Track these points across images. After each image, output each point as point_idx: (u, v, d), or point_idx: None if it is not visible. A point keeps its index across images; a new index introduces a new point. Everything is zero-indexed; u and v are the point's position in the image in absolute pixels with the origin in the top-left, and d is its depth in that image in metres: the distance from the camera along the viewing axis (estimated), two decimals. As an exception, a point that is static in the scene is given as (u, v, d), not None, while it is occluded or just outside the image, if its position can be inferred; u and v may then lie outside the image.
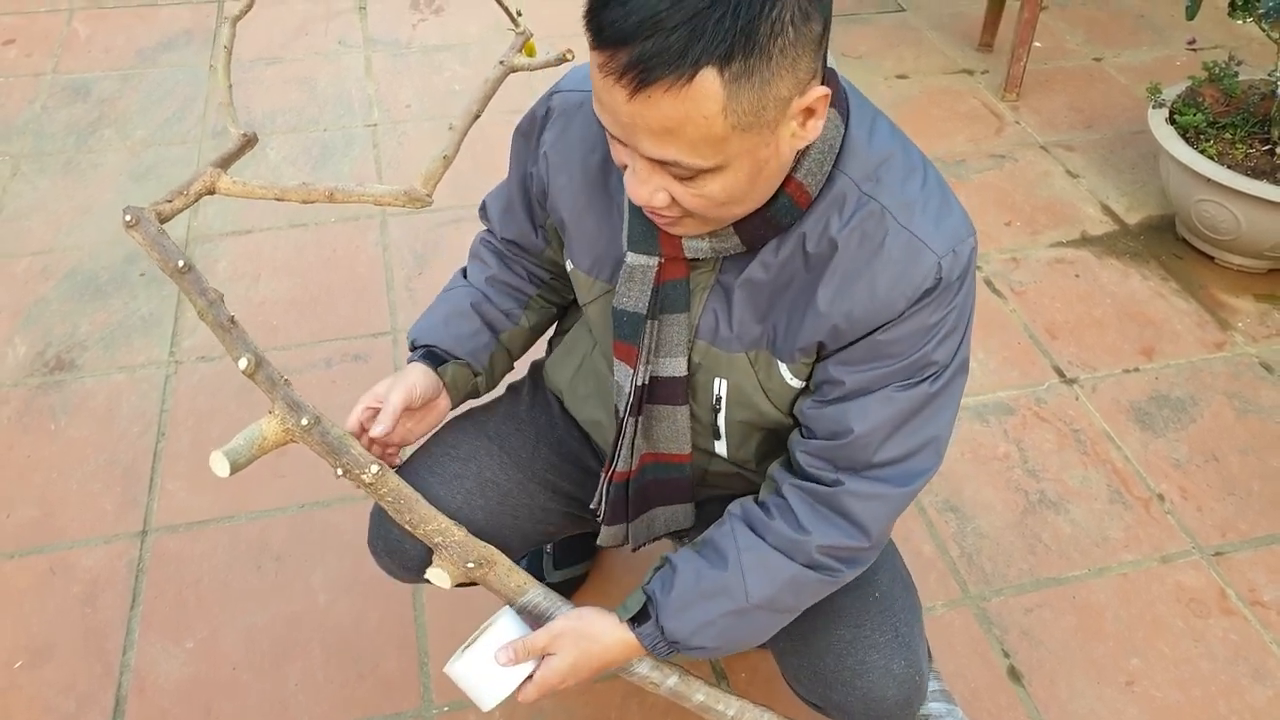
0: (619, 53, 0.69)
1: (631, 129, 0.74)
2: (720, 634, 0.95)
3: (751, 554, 0.93)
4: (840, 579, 0.96)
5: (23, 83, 2.66)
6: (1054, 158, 2.51)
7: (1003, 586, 1.57)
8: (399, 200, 1.11)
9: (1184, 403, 1.88)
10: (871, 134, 0.86)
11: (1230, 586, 1.58)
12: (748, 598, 0.93)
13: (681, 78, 0.68)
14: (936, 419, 0.92)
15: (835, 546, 0.93)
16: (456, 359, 1.10)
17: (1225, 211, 2.04)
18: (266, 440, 0.90)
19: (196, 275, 0.90)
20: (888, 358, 0.88)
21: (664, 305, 0.93)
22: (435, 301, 1.16)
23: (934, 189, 0.87)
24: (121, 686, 1.41)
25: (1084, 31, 3.02)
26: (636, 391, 0.98)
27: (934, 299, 0.86)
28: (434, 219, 2.25)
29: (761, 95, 0.71)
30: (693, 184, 0.77)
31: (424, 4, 3.08)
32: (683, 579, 0.95)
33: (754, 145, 0.74)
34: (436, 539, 0.97)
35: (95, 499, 1.65)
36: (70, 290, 2.05)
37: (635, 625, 0.97)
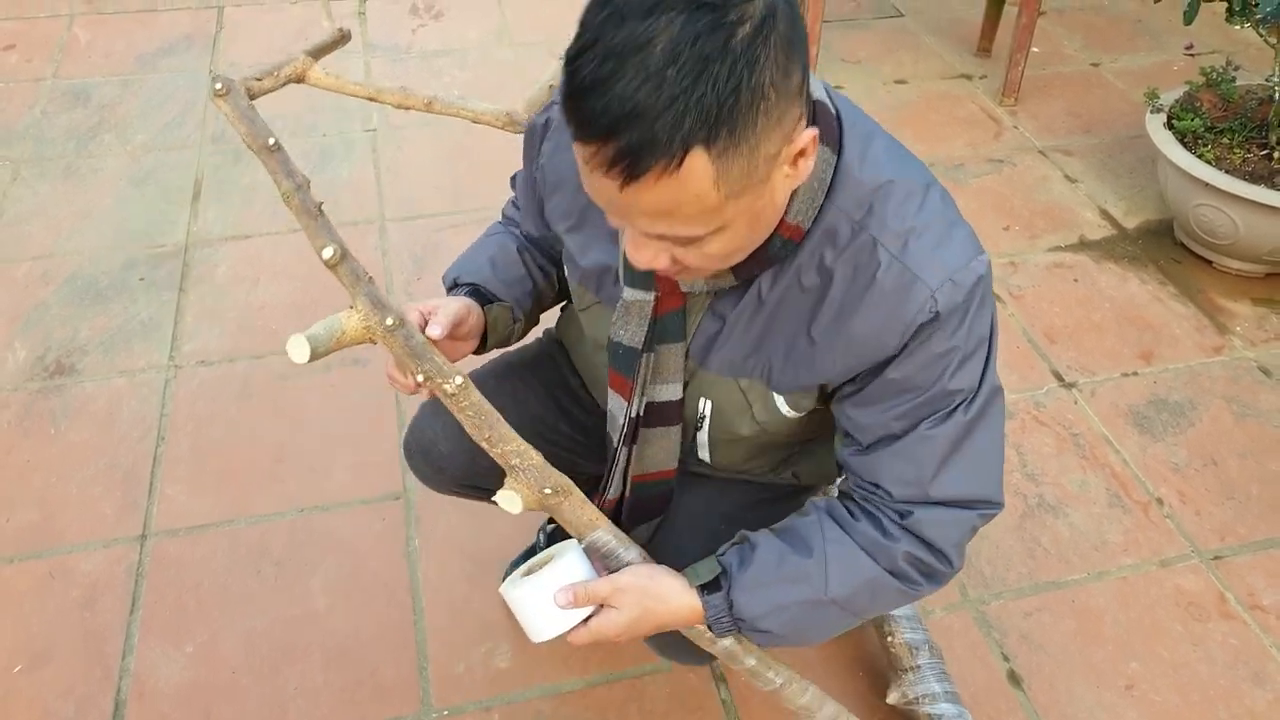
0: (604, 146, 0.67)
1: (626, 212, 0.73)
2: (790, 621, 0.93)
3: (837, 547, 0.92)
4: (919, 592, 0.94)
5: (23, 88, 2.67)
6: (1052, 162, 2.51)
7: (1002, 590, 1.57)
8: (499, 121, 1.10)
9: (1183, 407, 1.88)
10: (864, 161, 0.84)
11: (1229, 590, 1.58)
12: (827, 590, 0.91)
13: (671, 164, 0.67)
14: (985, 447, 0.90)
15: (919, 558, 0.92)
16: (501, 301, 1.07)
17: (1223, 216, 2.05)
18: (345, 335, 0.86)
19: (285, 155, 0.86)
20: (904, 393, 0.86)
21: (660, 336, 0.93)
22: (473, 248, 1.14)
23: (934, 214, 0.85)
24: (121, 691, 1.40)
25: (1082, 37, 3.03)
26: (630, 423, 0.98)
27: (935, 330, 0.83)
28: (432, 224, 2.26)
29: (751, 160, 0.70)
30: (692, 246, 0.76)
31: (423, 9, 3.09)
32: (763, 557, 0.93)
33: (749, 202, 0.74)
34: (514, 460, 0.91)
35: (95, 503, 1.65)
36: (70, 295, 2.05)
37: (705, 593, 0.94)
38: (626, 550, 0.98)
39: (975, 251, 0.85)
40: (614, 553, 0.98)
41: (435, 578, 1.56)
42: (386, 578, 1.56)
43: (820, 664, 1.46)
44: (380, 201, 2.32)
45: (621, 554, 0.98)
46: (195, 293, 2.06)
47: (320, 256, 0.84)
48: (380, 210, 2.29)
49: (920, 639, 1.37)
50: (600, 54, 0.66)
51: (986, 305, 0.87)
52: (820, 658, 1.47)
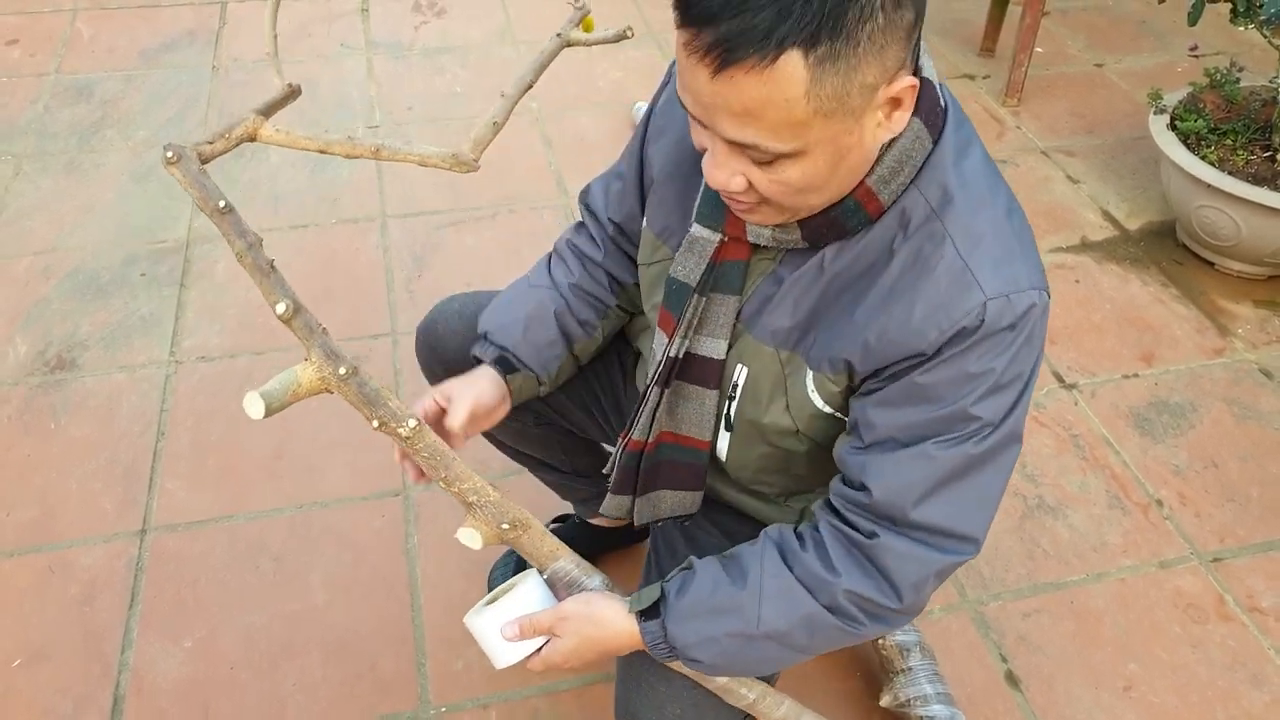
0: (704, 30, 0.68)
1: (712, 109, 0.72)
2: (722, 653, 0.91)
3: (774, 581, 0.89)
4: (861, 632, 0.90)
5: (26, 83, 2.67)
6: (1055, 163, 2.51)
7: (1001, 591, 1.57)
8: (446, 163, 1.10)
9: (1183, 409, 1.88)
10: (960, 157, 0.82)
11: (1228, 592, 1.58)
12: (758, 624, 0.89)
13: (765, 59, 0.67)
14: (982, 490, 0.86)
15: (863, 596, 0.87)
16: (528, 369, 1.09)
17: (1226, 217, 2.05)
18: (301, 387, 0.88)
19: (236, 217, 0.88)
20: (924, 402, 0.83)
21: (716, 283, 0.92)
22: (516, 293, 1.14)
23: (1011, 232, 0.83)
24: (119, 686, 1.41)
25: (1085, 37, 3.03)
26: (667, 363, 0.97)
27: (975, 344, 0.80)
28: (434, 221, 2.26)
29: (846, 81, 0.69)
30: (771, 169, 0.75)
31: (426, 7, 3.09)
32: (698, 586, 0.92)
33: (837, 132, 0.73)
34: (471, 498, 0.94)
35: (95, 498, 1.65)
36: (71, 290, 2.05)
37: (643, 620, 0.94)
38: (589, 578, 0.99)
39: (1040, 284, 0.83)
40: (576, 581, 0.99)
41: (434, 574, 1.56)
42: (385, 574, 1.56)
43: (813, 665, 1.46)
44: (381, 199, 2.32)
45: (584, 581, 0.99)
46: (196, 288, 2.06)
47: (274, 312, 0.86)
48: (381, 207, 2.30)
49: (912, 640, 1.37)
50: None
51: (1034, 342, 0.83)
52: (812, 660, 1.47)
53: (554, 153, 2.46)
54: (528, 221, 2.25)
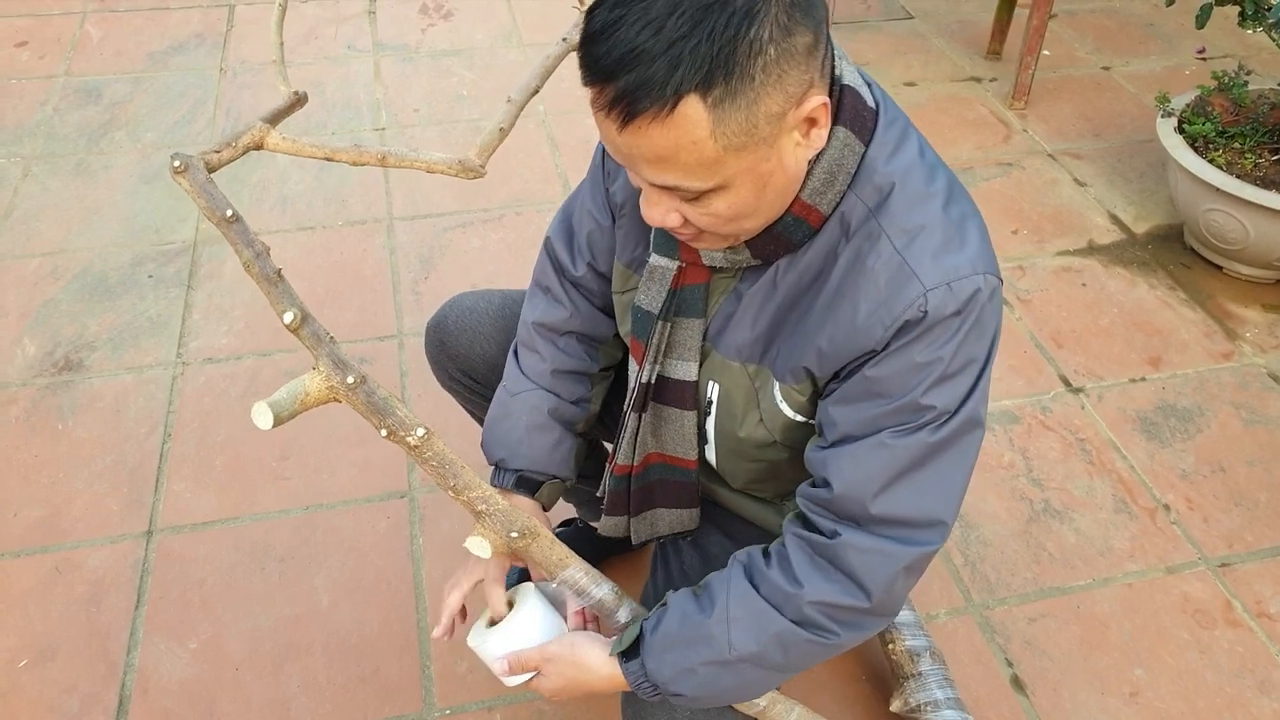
0: (606, 87, 0.70)
1: (630, 158, 0.75)
2: (702, 684, 0.90)
3: (740, 604, 0.89)
4: (836, 642, 0.89)
5: (34, 85, 2.68)
6: (1062, 166, 2.50)
7: (1006, 595, 1.56)
8: (453, 169, 1.10)
9: (1191, 413, 1.87)
10: (892, 156, 0.83)
11: (1236, 598, 1.57)
12: (730, 649, 0.88)
13: (665, 108, 0.69)
14: (943, 477, 0.86)
15: (830, 604, 0.86)
16: (551, 479, 1.10)
17: (1234, 221, 2.04)
18: (309, 396, 0.88)
19: (243, 226, 0.88)
20: (877, 397, 0.84)
21: (680, 308, 0.94)
22: (504, 409, 1.11)
23: (950, 220, 0.83)
24: (125, 686, 1.41)
25: (1093, 40, 3.02)
26: (641, 388, 0.98)
27: (920, 335, 0.81)
28: (440, 223, 2.26)
29: (750, 115, 0.71)
30: (699, 204, 0.77)
31: (433, 9, 3.09)
32: (669, 620, 0.92)
33: (753, 162, 0.74)
34: (480, 506, 0.93)
35: (101, 499, 1.66)
36: (79, 291, 2.06)
37: (624, 661, 0.94)
38: (597, 586, 0.99)
39: (984, 268, 0.82)
40: (585, 590, 0.99)
41: (439, 577, 1.56)
42: (390, 576, 1.56)
43: (822, 671, 1.46)
44: (388, 201, 2.32)
45: (593, 591, 0.99)
46: (203, 290, 2.07)
47: (282, 321, 0.86)
48: (388, 209, 2.30)
49: (922, 645, 1.36)
50: (612, 2, 0.70)
51: (982, 326, 0.83)
52: (823, 666, 1.46)
53: (560, 155, 2.47)
54: (534, 223, 2.26)
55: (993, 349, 0.86)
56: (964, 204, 0.85)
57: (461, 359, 1.22)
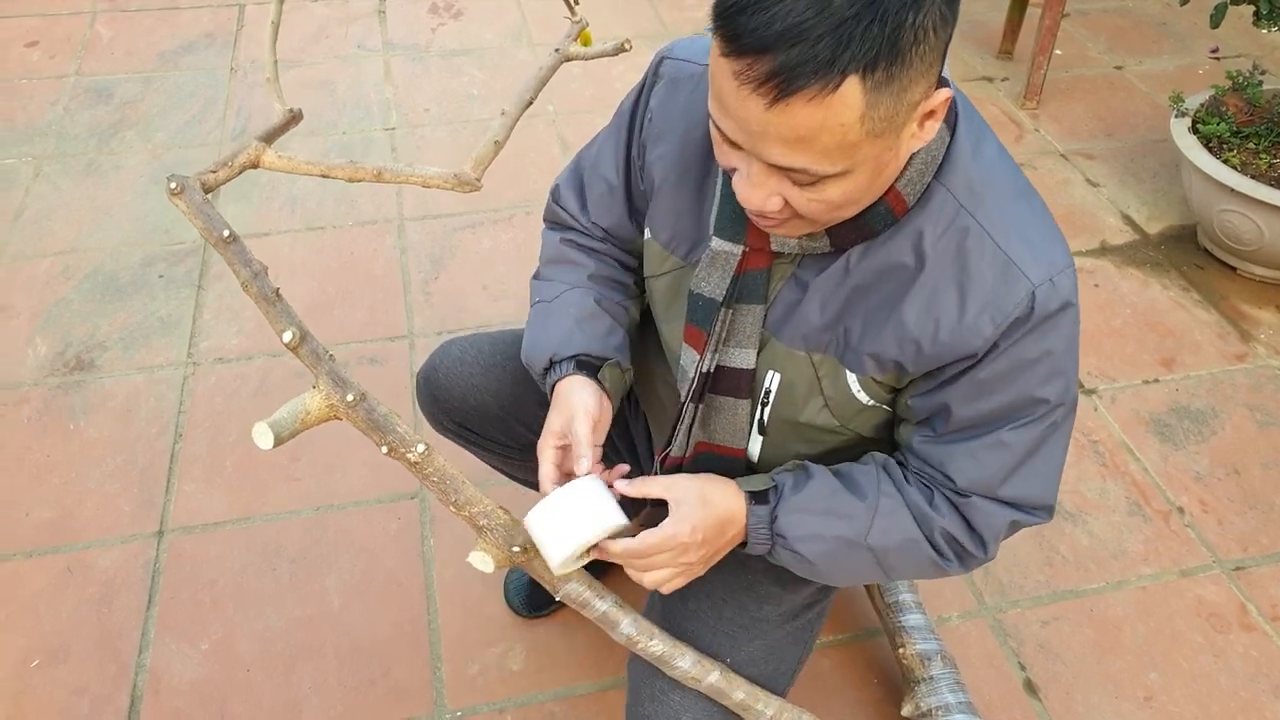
0: (759, 61, 0.67)
1: (761, 137, 0.72)
2: (824, 553, 0.93)
3: (889, 500, 0.92)
4: (948, 569, 0.95)
5: (45, 84, 2.69)
6: (1074, 166, 2.49)
7: (1019, 598, 1.56)
8: (448, 183, 1.10)
9: (1204, 415, 1.86)
10: (978, 149, 0.84)
11: (1251, 601, 1.56)
12: (868, 535, 0.92)
13: (827, 87, 0.67)
14: (1053, 457, 0.91)
15: (956, 539, 0.93)
16: (608, 361, 1.03)
17: (1248, 222, 2.02)
18: (310, 415, 0.88)
19: (240, 246, 0.89)
20: (991, 394, 0.86)
21: (741, 295, 0.92)
22: (546, 314, 1.06)
23: (1038, 214, 0.85)
24: (136, 687, 1.41)
25: (1105, 39, 3.00)
26: (700, 378, 0.96)
27: (1028, 331, 0.82)
28: (451, 224, 2.26)
29: (898, 101, 0.70)
30: (812, 189, 0.75)
31: (443, 8, 3.09)
32: (816, 486, 0.93)
33: (880, 150, 0.73)
34: (481, 521, 0.94)
35: (112, 499, 1.66)
36: (90, 291, 2.06)
37: (753, 503, 0.93)
38: (601, 600, 0.99)
39: (1069, 260, 0.85)
40: (589, 603, 0.98)
41: (450, 578, 1.56)
42: (401, 577, 1.56)
43: (831, 673, 1.45)
44: (398, 201, 2.32)
45: (596, 604, 0.98)
46: (214, 290, 2.07)
47: (281, 340, 0.86)
48: (398, 209, 2.30)
49: (933, 649, 1.36)
50: None
51: (1075, 316, 0.86)
52: (831, 666, 1.46)
53: (569, 155, 2.46)
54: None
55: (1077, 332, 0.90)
56: (1040, 199, 0.88)
57: (455, 411, 1.20)
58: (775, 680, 1.08)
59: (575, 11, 1.33)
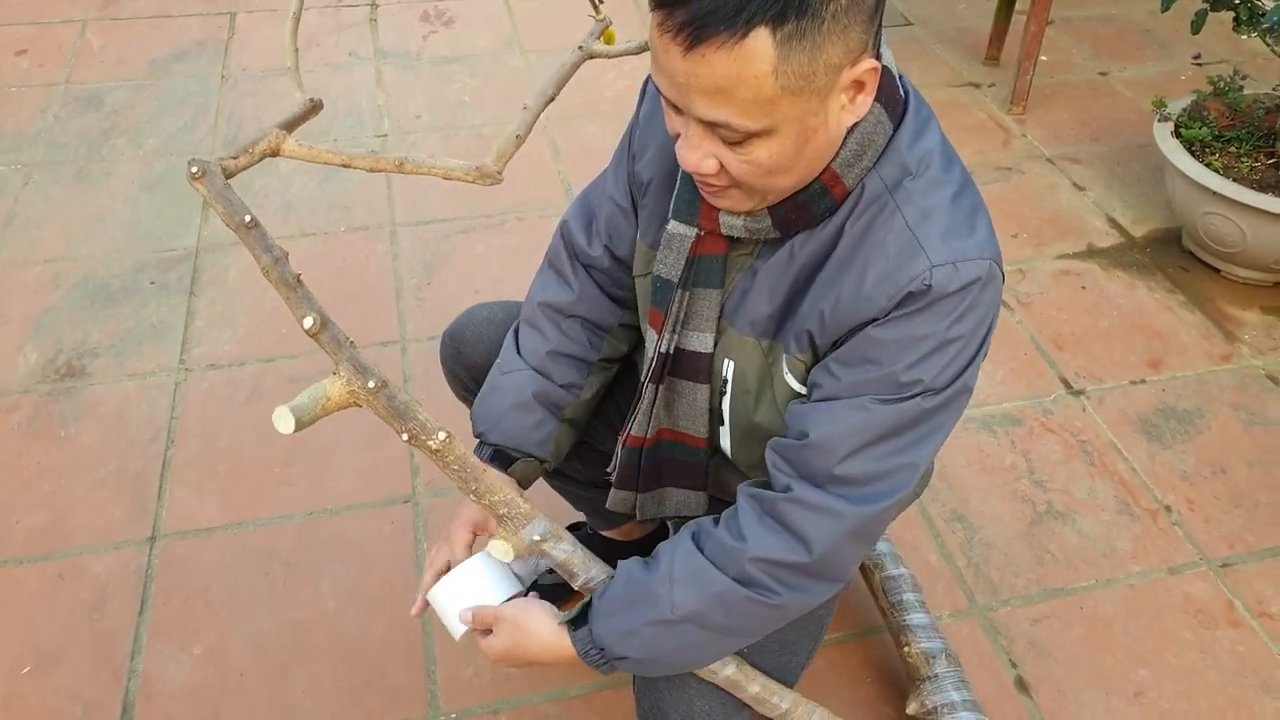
0: (677, 10, 0.71)
1: (685, 89, 0.75)
2: (646, 645, 0.91)
3: (684, 563, 0.90)
4: (778, 603, 0.89)
5: (35, 93, 2.69)
6: (1060, 170, 2.52)
7: (1010, 597, 1.57)
8: (470, 176, 1.11)
9: (1191, 415, 1.88)
10: (916, 140, 0.86)
11: (1238, 598, 1.57)
12: (673, 608, 0.89)
13: (735, 35, 0.70)
14: (916, 446, 0.87)
15: (771, 560, 0.87)
16: (527, 458, 1.11)
17: (1231, 224, 2.05)
18: (330, 401, 0.88)
19: (262, 231, 0.89)
20: (868, 363, 0.85)
21: (697, 278, 0.94)
22: (495, 385, 1.13)
23: (962, 207, 0.86)
24: (129, 692, 1.41)
25: (1090, 46, 3.04)
26: (659, 359, 0.99)
27: (922, 308, 0.83)
28: (443, 229, 2.27)
29: (812, 59, 0.72)
30: (741, 149, 0.77)
31: (434, 16, 3.10)
32: (616, 584, 0.94)
33: (803, 112, 0.75)
34: (502, 510, 0.94)
35: (104, 505, 1.66)
36: (81, 298, 2.06)
37: (573, 629, 0.95)
38: None
39: (990, 255, 0.85)
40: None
41: (443, 581, 1.56)
42: (395, 580, 1.56)
43: (828, 672, 1.46)
44: (391, 207, 2.33)
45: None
46: (206, 296, 2.07)
47: (302, 326, 0.86)
48: (391, 216, 2.31)
49: (937, 647, 1.36)
50: None
51: (980, 309, 0.85)
52: (827, 665, 1.47)
53: (562, 161, 2.47)
54: (536, 229, 2.26)
55: (987, 336, 0.88)
56: (975, 196, 0.88)
57: (478, 369, 1.22)
58: (786, 674, 1.09)
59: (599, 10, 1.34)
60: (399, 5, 3.14)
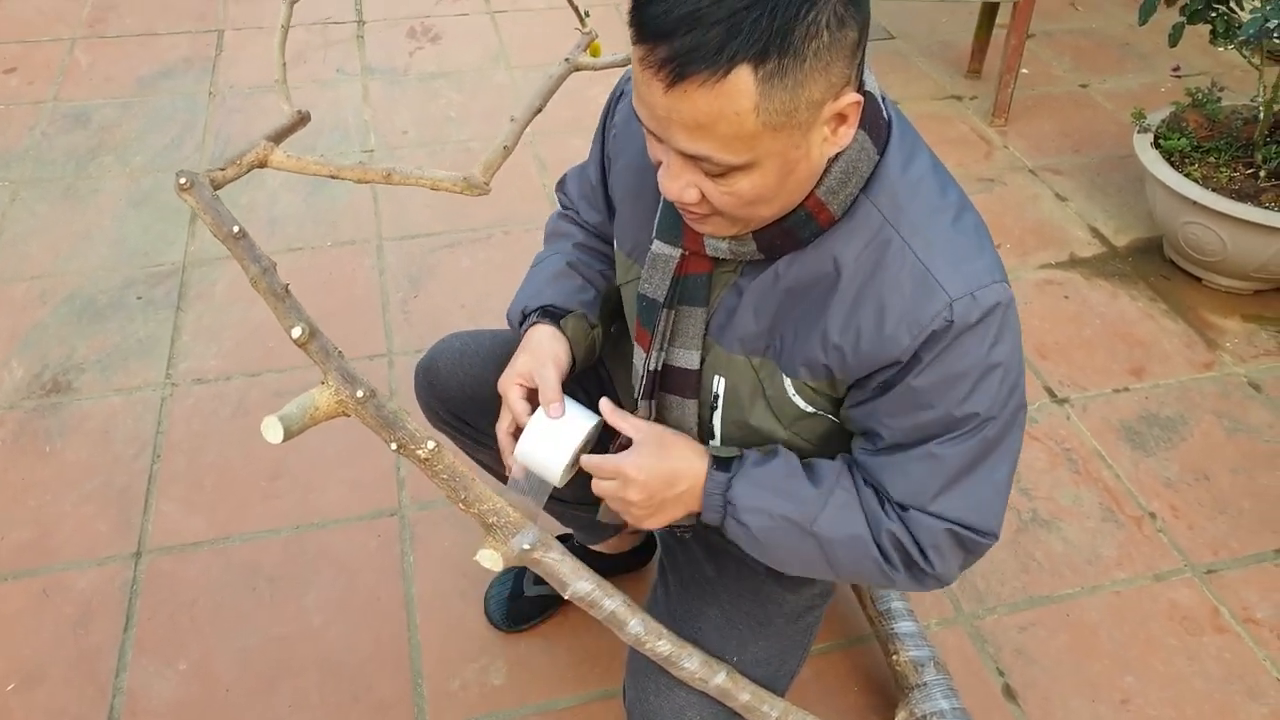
0: (659, 46, 0.72)
1: (666, 123, 0.75)
2: (768, 530, 0.94)
3: (844, 494, 0.93)
4: (893, 576, 0.94)
5: (23, 110, 2.69)
6: (1042, 181, 2.54)
7: (996, 605, 1.57)
8: (457, 187, 1.12)
9: (1174, 422, 1.89)
10: (907, 166, 0.86)
11: (1223, 604, 1.58)
12: (814, 522, 0.93)
13: (717, 73, 0.70)
14: (991, 476, 0.90)
15: (902, 543, 0.92)
16: (573, 311, 1.07)
17: (1211, 234, 2.07)
18: (319, 410, 0.88)
19: (250, 242, 0.89)
20: (919, 408, 0.87)
21: (682, 297, 0.95)
22: (528, 278, 1.15)
23: (965, 230, 0.86)
24: (114, 709, 1.40)
25: (1070, 59, 3.08)
26: (649, 376, 1.00)
27: (950, 344, 0.84)
28: (429, 243, 2.28)
29: (794, 96, 0.72)
30: (723, 180, 0.78)
31: (420, 33, 3.12)
32: (777, 467, 0.95)
33: (785, 146, 0.76)
34: (490, 519, 0.95)
35: (90, 521, 1.65)
36: (68, 314, 2.06)
37: (714, 466, 0.95)
38: (610, 599, 1.00)
39: (1000, 278, 0.86)
40: (598, 602, 0.99)
41: (430, 594, 1.56)
42: (381, 594, 1.56)
43: (816, 681, 1.46)
44: (377, 221, 2.34)
45: (605, 603, 0.99)
46: (193, 311, 2.07)
47: (290, 336, 0.87)
48: (377, 230, 2.31)
49: (925, 656, 1.37)
50: None
51: (1007, 331, 0.86)
52: (815, 675, 1.47)
53: (547, 175, 2.49)
54: (522, 242, 2.27)
55: (1019, 351, 0.90)
56: (975, 216, 0.89)
57: (452, 401, 1.21)
58: (776, 682, 1.10)
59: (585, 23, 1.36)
60: (386, 22, 3.16)
